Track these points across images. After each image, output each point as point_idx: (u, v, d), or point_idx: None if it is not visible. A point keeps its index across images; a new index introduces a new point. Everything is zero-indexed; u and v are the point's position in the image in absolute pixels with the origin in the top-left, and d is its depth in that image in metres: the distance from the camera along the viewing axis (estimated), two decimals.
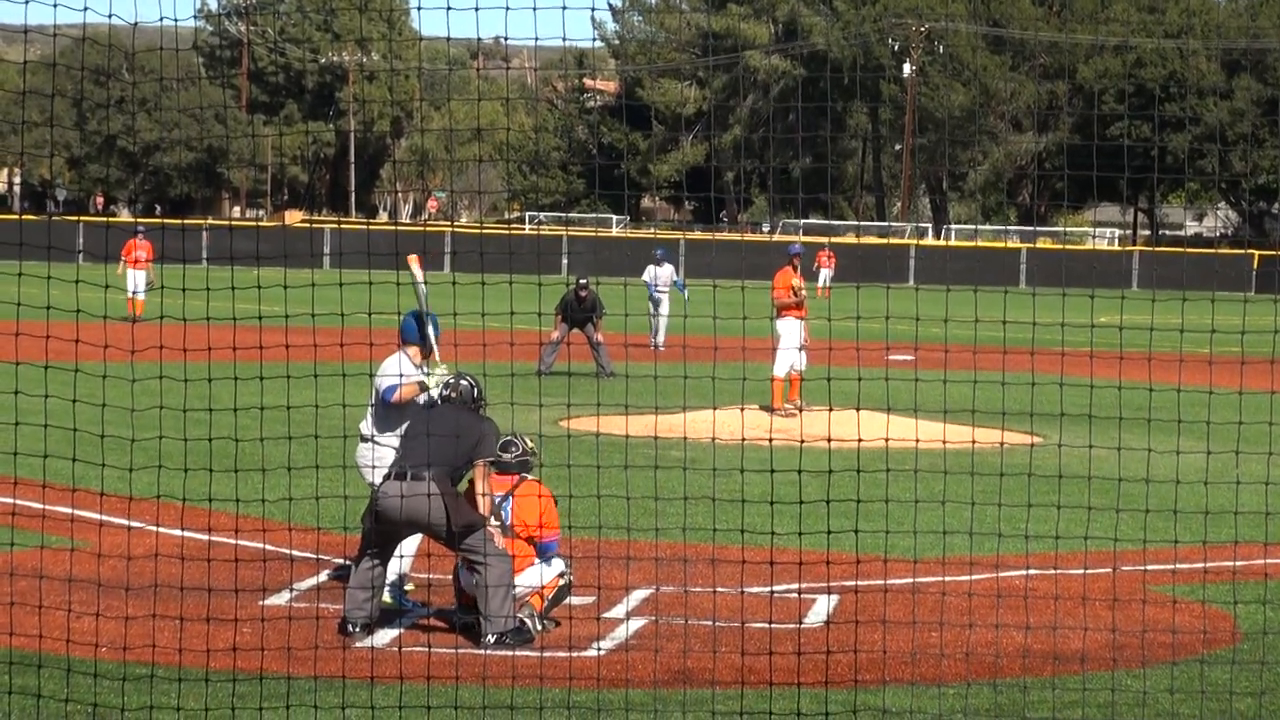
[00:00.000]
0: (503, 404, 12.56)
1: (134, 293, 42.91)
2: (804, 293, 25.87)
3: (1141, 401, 13.87)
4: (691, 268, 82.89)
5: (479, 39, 10.06)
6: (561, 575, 11.89)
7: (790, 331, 25.29)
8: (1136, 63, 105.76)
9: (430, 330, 12.79)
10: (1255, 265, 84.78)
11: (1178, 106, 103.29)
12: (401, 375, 12.59)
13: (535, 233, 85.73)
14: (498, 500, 11.91)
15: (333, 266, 56.42)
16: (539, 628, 11.71)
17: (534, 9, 10.19)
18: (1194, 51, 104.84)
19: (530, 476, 12.10)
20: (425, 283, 12.79)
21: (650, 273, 40.08)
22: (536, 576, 11.86)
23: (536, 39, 10.31)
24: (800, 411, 24.23)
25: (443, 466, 11.55)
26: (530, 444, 12.20)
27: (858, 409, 11.29)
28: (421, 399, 12.49)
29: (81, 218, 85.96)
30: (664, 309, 39.69)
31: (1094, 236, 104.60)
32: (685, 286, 39.51)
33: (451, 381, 12.18)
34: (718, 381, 11.67)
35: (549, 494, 12.03)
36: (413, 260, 12.87)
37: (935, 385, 12.18)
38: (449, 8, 10.18)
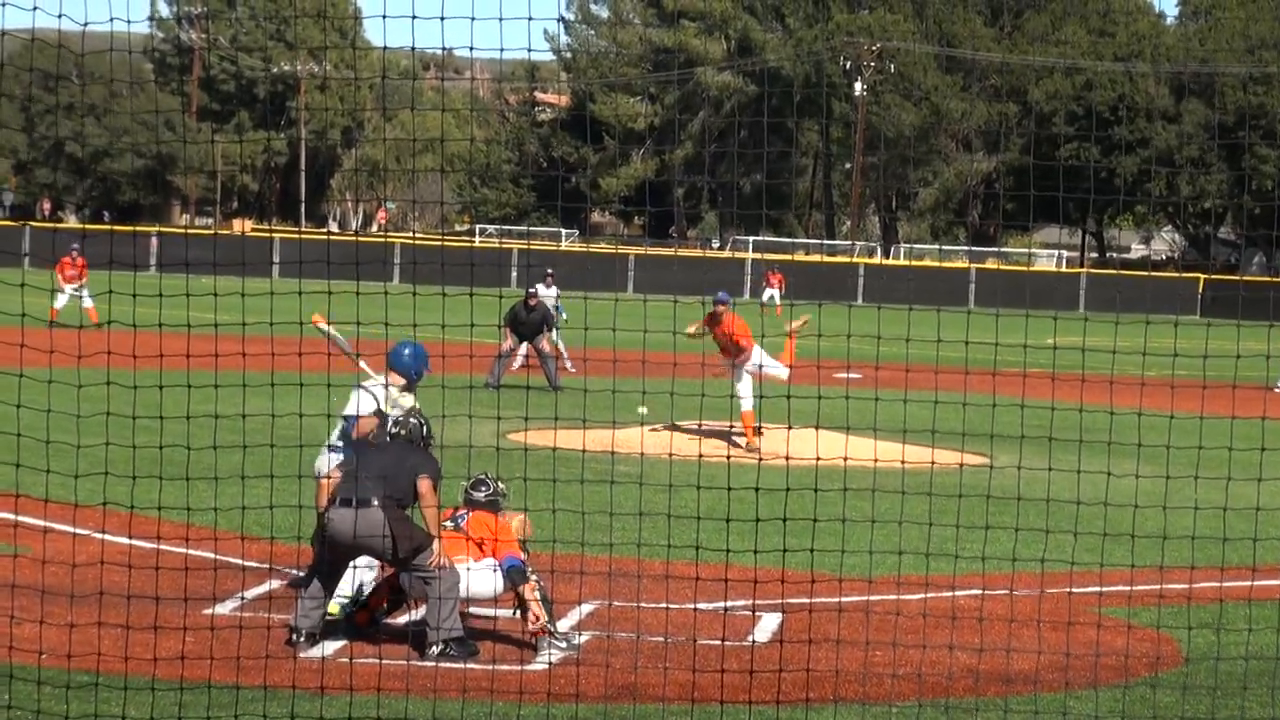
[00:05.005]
0: (460, 416, 12.48)
1: (71, 297, 42.82)
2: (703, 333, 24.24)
3: (1098, 424, 13.86)
4: (641, 283, 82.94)
5: (444, 48, 9.99)
6: (519, 583, 11.79)
7: (756, 359, 23.11)
8: (1086, 85, 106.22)
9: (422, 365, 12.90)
10: (1200, 289, 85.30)
11: (1127, 129, 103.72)
12: (382, 400, 12.63)
13: (495, 245, 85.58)
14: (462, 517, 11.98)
15: (282, 275, 56.13)
16: (569, 644, 11.70)
17: (499, 19, 10.14)
18: (1143, 75, 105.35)
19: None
20: (335, 335, 12.88)
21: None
22: (492, 586, 11.81)
23: (502, 48, 10.26)
24: (759, 434, 23.00)
25: (391, 496, 11.57)
26: (502, 486, 12.22)
27: (816, 428, 11.25)
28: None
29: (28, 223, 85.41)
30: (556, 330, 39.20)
31: (1081, 258, 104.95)
32: (562, 309, 38.84)
33: (400, 419, 12.18)
34: (676, 397, 11.62)
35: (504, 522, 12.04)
36: (317, 320, 12.86)
37: (895, 405, 12.16)
38: (414, 16, 10.12)
